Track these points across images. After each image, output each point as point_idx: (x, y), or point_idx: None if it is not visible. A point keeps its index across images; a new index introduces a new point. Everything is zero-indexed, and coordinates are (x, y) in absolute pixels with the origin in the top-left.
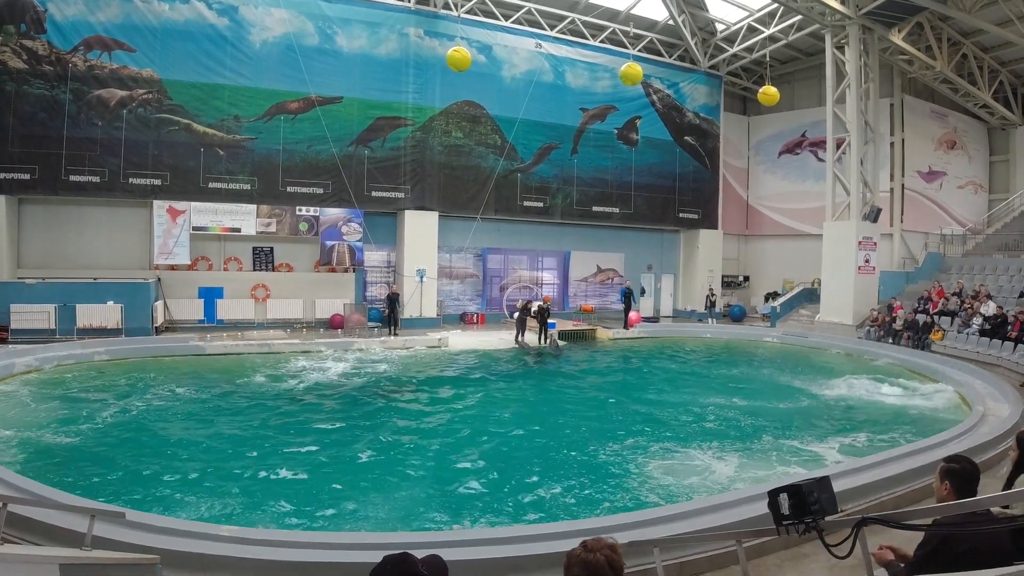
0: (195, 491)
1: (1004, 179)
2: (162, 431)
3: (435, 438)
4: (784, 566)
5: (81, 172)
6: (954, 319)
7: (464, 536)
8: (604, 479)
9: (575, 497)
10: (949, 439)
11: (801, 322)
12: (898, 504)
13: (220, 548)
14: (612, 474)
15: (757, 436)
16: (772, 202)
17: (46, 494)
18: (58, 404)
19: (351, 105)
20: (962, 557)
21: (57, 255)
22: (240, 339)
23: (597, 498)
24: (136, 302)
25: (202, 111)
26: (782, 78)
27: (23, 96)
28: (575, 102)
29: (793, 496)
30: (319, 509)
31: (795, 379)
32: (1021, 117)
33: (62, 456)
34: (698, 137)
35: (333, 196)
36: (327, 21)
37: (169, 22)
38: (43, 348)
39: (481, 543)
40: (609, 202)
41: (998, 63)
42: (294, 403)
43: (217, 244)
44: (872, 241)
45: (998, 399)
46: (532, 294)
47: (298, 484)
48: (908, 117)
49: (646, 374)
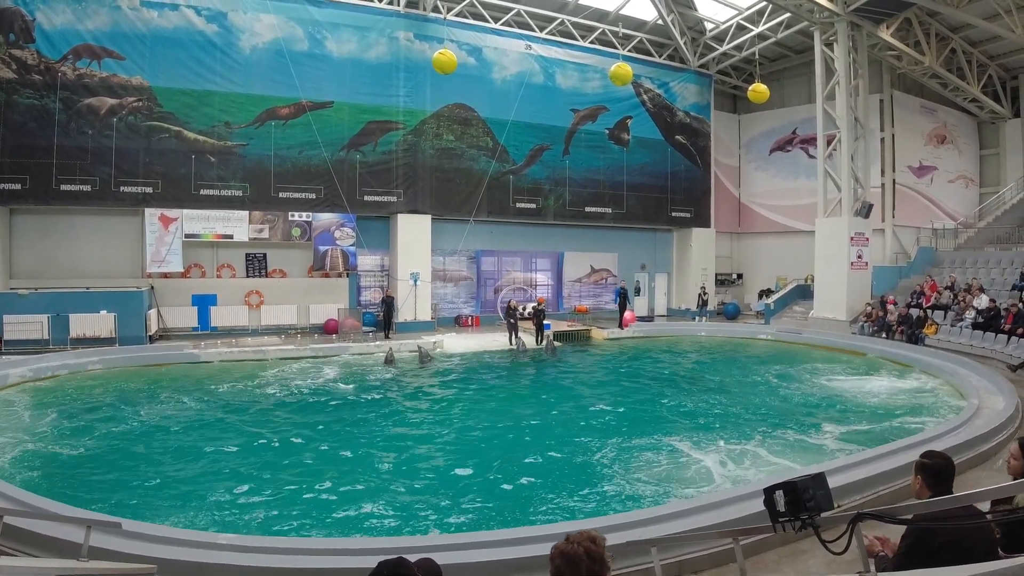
0: (191, 500)
1: (995, 172)
2: (157, 440)
3: (429, 442)
4: (782, 562)
5: (72, 181)
6: (947, 313)
7: (460, 539)
8: (600, 480)
9: (572, 499)
10: (944, 432)
11: (795, 319)
12: (895, 498)
13: (217, 556)
14: (609, 475)
15: (753, 432)
16: (764, 199)
17: (41, 505)
18: (52, 415)
19: (342, 110)
20: (941, 549)
21: (49, 265)
22: (234, 346)
23: (595, 499)
24: (129, 311)
25: (193, 118)
26: (772, 76)
27: (13, 106)
28: (566, 103)
29: (789, 493)
30: (316, 515)
31: (788, 375)
32: (1010, 110)
33: (57, 467)
34: (689, 136)
35: (325, 201)
36: (316, 26)
37: (158, 29)
38: (36, 359)
39: (478, 546)
40: (602, 202)
41: (987, 57)
42: (289, 409)
43: (210, 251)
44: (864, 237)
45: (992, 392)
46: (526, 295)
47: (294, 491)
48: (898, 112)
49: (640, 374)
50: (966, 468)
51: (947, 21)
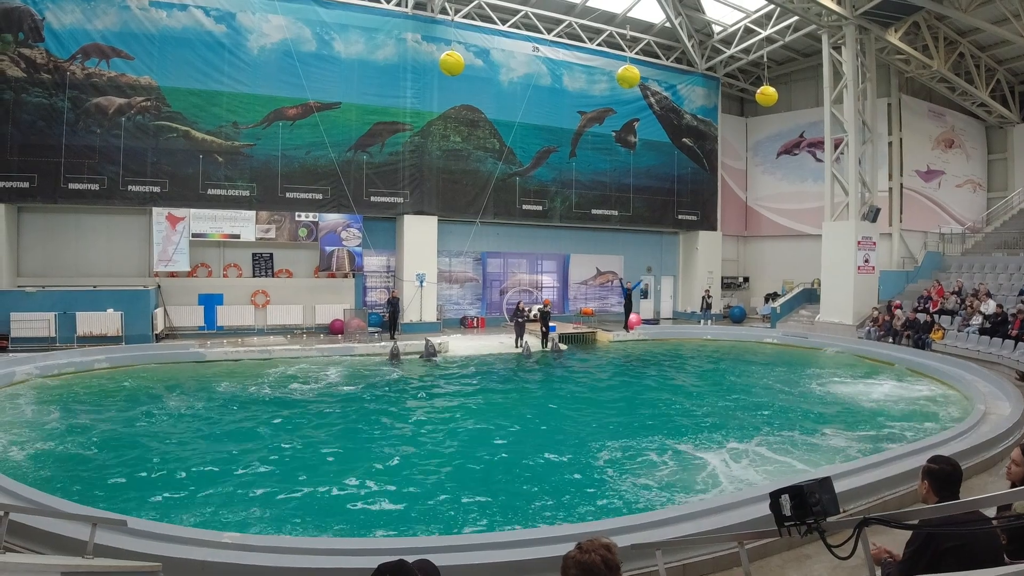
0: (197, 498)
1: (1002, 177)
2: (162, 438)
3: (431, 443)
4: (787, 567)
5: (80, 180)
6: (954, 318)
7: (464, 541)
8: (604, 482)
9: (576, 501)
10: (951, 438)
11: (801, 322)
12: (902, 503)
13: (222, 555)
14: (613, 477)
15: (758, 436)
16: (771, 203)
17: (47, 502)
18: (59, 412)
19: (349, 111)
20: (947, 555)
21: (57, 263)
22: (240, 345)
23: (599, 501)
24: (136, 309)
25: (200, 118)
26: (779, 79)
27: (22, 105)
28: (573, 105)
29: (795, 497)
30: (320, 515)
31: (794, 379)
32: (1019, 115)
33: (63, 464)
34: (696, 139)
35: (332, 202)
36: (324, 27)
37: (167, 29)
38: (43, 356)
39: (481, 547)
40: (608, 205)
41: (995, 61)
42: (293, 409)
43: (216, 251)
44: (871, 241)
45: (999, 397)
46: (532, 297)
47: (299, 490)
48: (906, 116)
49: (645, 377)
50: (972, 474)
51: (955, 25)
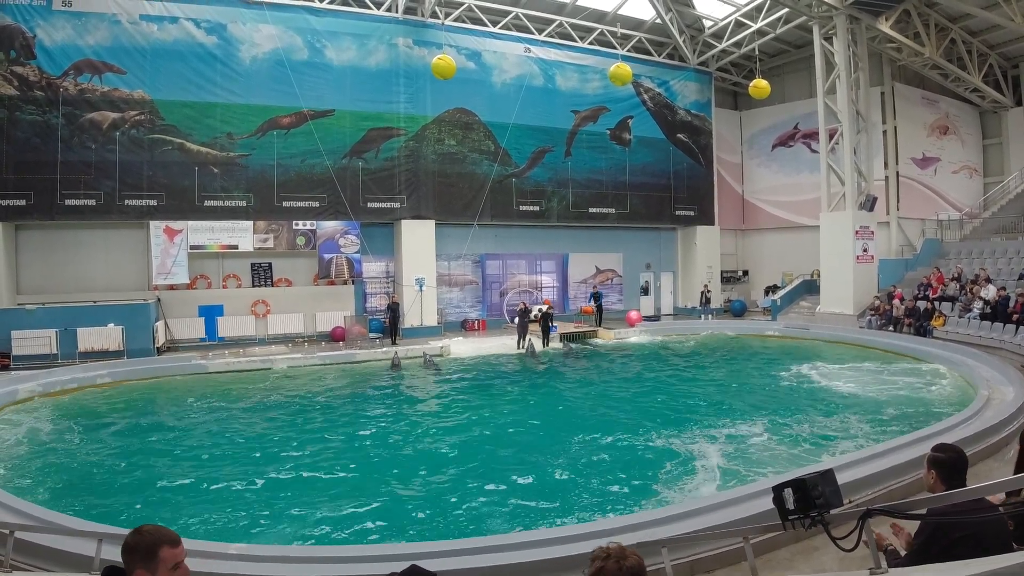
0: (201, 509)
1: (998, 162)
2: (166, 451)
3: (435, 447)
4: (795, 559)
5: (76, 196)
6: (955, 304)
7: (470, 544)
8: (608, 481)
9: (580, 499)
10: (955, 424)
11: (802, 314)
12: (907, 492)
13: (228, 566)
14: (617, 475)
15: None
16: (768, 195)
17: (53, 519)
18: (62, 428)
19: (343, 117)
20: (957, 543)
21: (56, 280)
22: (242, 356)
23: (603, 499)
24: (137, 323)
25: (195, 130)
26: (772, 71)
27: (15, 122)
28: (566, 105)
29: (798, 491)
30: (327, 524)
31: (797, 370)
32: (1013, 99)
33: (68, 480)
34: (691, 134)
35: (329, 209)
36: (316, 35)
37: (158, 43)
38: (45, 373)
39: (482, 551)
40: (605, 203)
41: (987, 47)
42: (296, 418)
43: (215, 262)
44: (869, 230)
45: (1002, 383)
46: (532, 298)
47: (303, 499)
48: (899, 105)
49: (647, 373)
50: (977, 460)
51: (946, 11)
